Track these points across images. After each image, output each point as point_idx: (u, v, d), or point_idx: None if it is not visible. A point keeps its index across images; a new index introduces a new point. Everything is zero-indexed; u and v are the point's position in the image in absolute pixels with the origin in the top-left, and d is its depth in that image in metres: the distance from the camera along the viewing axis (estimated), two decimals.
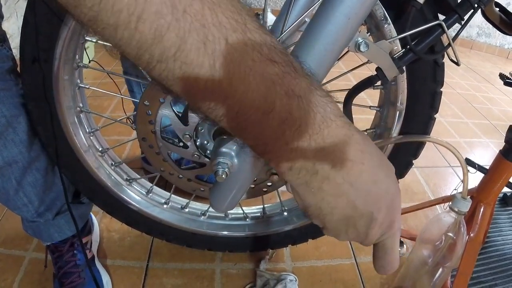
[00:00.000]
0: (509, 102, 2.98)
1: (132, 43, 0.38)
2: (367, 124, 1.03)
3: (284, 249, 1.36)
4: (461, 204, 0.90)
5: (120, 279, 1.23)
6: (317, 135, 0.46)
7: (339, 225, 0.54)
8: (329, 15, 0.59)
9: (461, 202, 0.90)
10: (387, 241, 0.58)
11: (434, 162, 1.99)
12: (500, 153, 1.06)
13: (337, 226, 0.54)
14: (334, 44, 0.61)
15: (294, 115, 0.43)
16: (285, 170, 0.48)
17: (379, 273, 0.62)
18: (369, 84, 0.79)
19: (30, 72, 0.84)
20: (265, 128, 0.44)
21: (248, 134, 0.45)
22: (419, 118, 0.91)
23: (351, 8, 0.58)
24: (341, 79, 0.98)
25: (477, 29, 4.52)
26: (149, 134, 0.89)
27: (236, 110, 0.42)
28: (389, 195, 0.55)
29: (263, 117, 0.43)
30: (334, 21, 0.59)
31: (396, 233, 0.58)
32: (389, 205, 0.55)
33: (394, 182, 0.56)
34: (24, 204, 1.02)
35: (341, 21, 0.59)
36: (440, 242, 0.96)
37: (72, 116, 0.94)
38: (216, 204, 0.82)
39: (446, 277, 1.04)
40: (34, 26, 0.76)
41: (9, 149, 0.92)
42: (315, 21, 0.61)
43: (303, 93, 0.44)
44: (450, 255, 0.97)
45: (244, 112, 0.42)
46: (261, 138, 0.45)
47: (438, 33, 0.71)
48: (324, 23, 0.59)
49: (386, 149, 0.97)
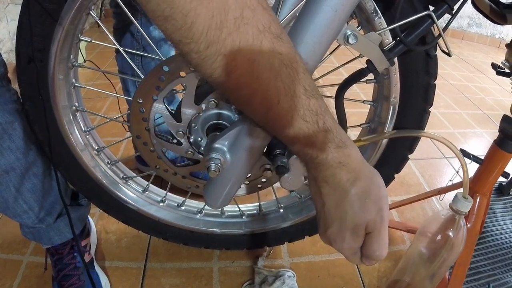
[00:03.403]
0: (501, 91, 2.99)
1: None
2: (361, 119, 1.03)
3: (282, 245, 1.36)
4: (461, 204, 0.89)
5: (118, 281, 1.22)
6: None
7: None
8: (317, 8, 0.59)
9: (461, 202, 0.89)
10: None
11: (429, 154, 2.00)
12: (495, 143, 1.06)
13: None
14: (322, 36, 0.61)
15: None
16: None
17: (366, 263, 0.68)
18: (360, 77, 0.79)
19: (26, 72, 0.84)
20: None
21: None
22: (413, 112, 0.91)
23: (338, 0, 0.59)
24: (334, 73, 0.98)
25: (468, 19, 4.53)
26: (143, 132, 0.89)
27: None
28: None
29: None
30: (321, 14, 0.59)
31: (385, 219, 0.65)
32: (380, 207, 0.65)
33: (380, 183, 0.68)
34: (24, 211, 1.01)
35: (328, 14, 0.59)
36: (440, 238, 0.96)
37: (68, 115, 0.94)
38: (211, 200, 0.82)
39: (444, 271, 1.04)
40: (29, 26, 0.77)
41: (6, 157, 0.90)
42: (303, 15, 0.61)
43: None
44: (449, 252, 0.97)
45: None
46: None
47: (428, 23, 0.71)
48: (312, 16, 0.59)
49: (380, 145, 0.97)
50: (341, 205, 0.65)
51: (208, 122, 0.84)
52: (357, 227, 0.65)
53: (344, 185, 0.64)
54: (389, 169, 1.02)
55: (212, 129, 0.84)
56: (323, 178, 0.64)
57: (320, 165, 0.63)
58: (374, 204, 0.64)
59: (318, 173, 0.64)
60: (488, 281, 1.19)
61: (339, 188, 0.64)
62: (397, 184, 1.72)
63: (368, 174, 0.65)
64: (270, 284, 1.17)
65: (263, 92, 0.54)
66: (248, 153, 0.71)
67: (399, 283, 1.13)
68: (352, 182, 0.63)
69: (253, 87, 0.53)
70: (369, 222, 0.64)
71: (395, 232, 1.44)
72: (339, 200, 0.65)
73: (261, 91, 0.54)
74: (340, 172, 0.63)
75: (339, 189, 0.64)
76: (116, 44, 0.96)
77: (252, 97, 0.55)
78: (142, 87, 0.81)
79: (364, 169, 0.65)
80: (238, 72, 0.51)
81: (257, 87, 0.53)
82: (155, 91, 0.81)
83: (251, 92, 0.54)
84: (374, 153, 0.99)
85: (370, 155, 1.00)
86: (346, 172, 0.63)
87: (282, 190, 0.85)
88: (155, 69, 0.78)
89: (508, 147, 1.03)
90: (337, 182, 0.64)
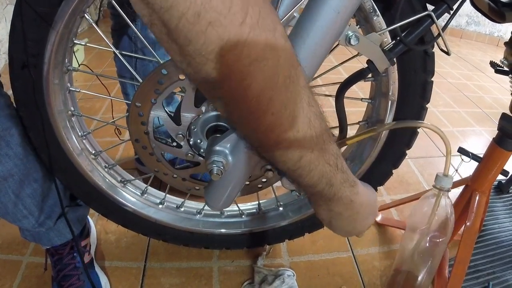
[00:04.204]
0: (500, 89, 2.99)
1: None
2: (359, 117, 1.03)
3: (281, 244, 1.36)
4: (443, 181, 0.95)
5: (118, 281, 1.22)
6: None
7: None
8: (319, 9, 0.59)
9: (443, 179, 0.95)
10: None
11: (428, 152, 2.00)
12: (494, 141, 1.06)
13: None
14: (324, 38, 0.61)
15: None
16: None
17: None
18: (361, 77, 0.79)
19: (20, 78, 0.82)
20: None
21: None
22: (411, 108, 0.91)
23: (340, 2, 0.58)
24: (332, 72, 0.98)
25: (466, 18, 4.53)
26: (142, 135, 0.88)
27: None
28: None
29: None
30: (323, 16, 0.59)
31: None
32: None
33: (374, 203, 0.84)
34: (24, 216, 1.00)
35: (330, 16, 0.59)
36: (428, 219, 1.00)
37: (63, 120, 0.93)
38: (212, 203, 0.82)
39: (442, 253, 1.05)
40: (22, 31, 0.75)
41: (3, 164, 0.89)
42: (305, 16, 0.61)
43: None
44: (441, 231, 1.00)
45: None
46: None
47: (428, 23, 0.71)
48: (314, 18, 0.59)
49: (379, 138, 0.97)
50: (350, 224, 0.80)
51: (208, 124, 0.84)
52: (362, 232, 0.85)
53: (349, 214, 0.77)
54: (388, 165, 1.03)
55: (212, 131, 0.84)
56: (331, 210, 0.75)
57: (332, 202, 0.72)
58: (373, 216, 0.84)
59: (327, 206, 0.74)
60: (488, 279, 1.19)
61: (347, 218, 0.77)
62: (396, 182, 1.73)
63: (367, 202, 0.79)
64: (269, 283, 1.17)
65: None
66: (249, 155, 0.71)
67: (399, 276, 1.13)
68: (357, 212, 0.77)
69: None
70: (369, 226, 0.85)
71: (394, 231, 1.45)
72: (348, 222, 0.79)
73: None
74: (351, 208, 0.75)
75: (348, 218, 0.78)
76: (112, 47, 0.95)
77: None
78: (140, 91, 0.81)
79: (366, 199, 0.78)
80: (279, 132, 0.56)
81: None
82: (154, 95, 0.80)
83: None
84: (372, 149, 1.00)
85: (369, 151, 1.01)
86: (354, 207, 0.75)
87: (281, 188, 0.85)
88: (153, 73, 0.78)
89: (507, 145, 1.03)
90: (347, 216, 0.77)
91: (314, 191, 0.68)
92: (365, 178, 1.05)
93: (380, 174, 1.05)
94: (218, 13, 0.40)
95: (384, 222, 1.47)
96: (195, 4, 0.38)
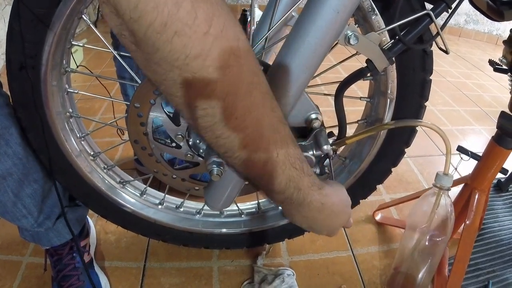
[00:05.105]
0: (499, 88, 2.99)
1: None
2: (358, 116, 1.03)
3: (281, 243, 1.37)
4: (444, 180, 0.95)
5: (118, 281, 1.22)
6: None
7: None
8: (318, 9, 0.59)
9: (443, 178, 0.95)
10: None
11: (427, 151, 2.00)
12: (493, 140, 1.06)
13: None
14: (324, 38, 0.61)
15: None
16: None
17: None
18: (360, 76, 0.79)
19: (18, 79, 0.82)
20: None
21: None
22: (410, 107, 0.92)
23: (340, 1, 0.58)
24: (331, 71, 0.98)
25: (465, 16, 4.54)
26: (141, 136, 0.88)
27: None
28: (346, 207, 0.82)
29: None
30: (323, 16, 0.59)
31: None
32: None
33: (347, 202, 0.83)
34: (23, 216, 1.00)
35: (330, 15, 0.59)
36: (428, 218, 1.00)
37: (62, 121, 0.93)
38: (212, 203, 0.81)
39: (442, 252, 1.05)
40: (20, 33, 0.75)
41: (2, 163, 0.89)
42: (304, 16, 0.61)
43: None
44: (441, 230, 1.00)
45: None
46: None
47: (427, 22, 0.71)
48: (313, 18, 0.59)
49: (378, 137, 0.97)
50: (330, 224, 0.80)
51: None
52: (345, 221, 0.85)
53: (325, 216, 0.77)
54: (387, 163, 1.04)
55: None
56: (305, 216, 0.75)
57: (304, 208, 0.72)
58: (346, 214, 0.82)
59: (300, 213, 0.74)
60: (488, 278, 1.19)
61: (324, 219, 0.77)
62: (395, 181, 1.73)
63: (338, 200, 0.78)
64: (269, 282, 1.17)
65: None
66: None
67: (399, 275, 1.13)
68: (332, 211, 0.77)
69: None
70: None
71: (394, 230, 1.45)
72: (328, 222, 0.79)
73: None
74: (323, 210, 0.74)
75: (325, 220, 0.78)
76: (110, 48, 0.95)
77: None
78: (139, 92, 0.81)
79: (336, 197, 0.78)
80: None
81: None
82: (153, 95, 0.80)
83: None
84: (371, 147, 1.00)
85: (368, 149, 1.01)
86: (327, 208, 0.75)
87: None
88: None
89: (506, 144, 1.03)
90: (323, 218, 0.77)
91: (283, 198, 0.68)
92: (364, 176, 1.05)
93: (379, 172, 1.06)
94: (184, 24, 0.42)
95: (384, 221, 1.47)
96: (162, 14, 0.40)
